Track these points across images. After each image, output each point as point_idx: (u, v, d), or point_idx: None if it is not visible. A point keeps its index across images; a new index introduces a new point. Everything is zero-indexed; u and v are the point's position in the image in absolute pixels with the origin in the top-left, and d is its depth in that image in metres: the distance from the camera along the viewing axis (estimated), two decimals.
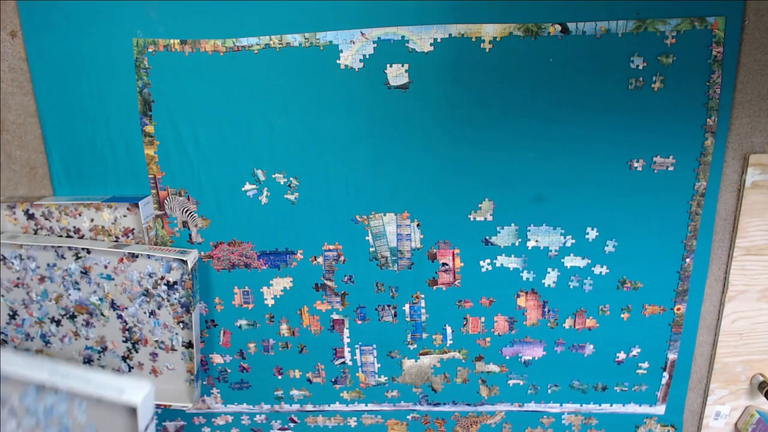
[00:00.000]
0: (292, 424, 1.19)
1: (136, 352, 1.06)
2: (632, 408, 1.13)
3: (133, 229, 1.00)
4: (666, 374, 1.09)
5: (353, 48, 0.92)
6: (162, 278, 1.00)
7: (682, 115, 0.92)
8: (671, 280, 1.02)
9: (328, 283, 1.05)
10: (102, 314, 1.04)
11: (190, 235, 1.03)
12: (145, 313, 1.03)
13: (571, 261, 1.02)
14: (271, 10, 0.90)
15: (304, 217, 1.01)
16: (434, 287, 1.05)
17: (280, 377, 1.14)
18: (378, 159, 0.97)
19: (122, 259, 0.99)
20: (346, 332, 1.09)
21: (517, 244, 1.01)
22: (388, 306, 1.07)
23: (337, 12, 0.90)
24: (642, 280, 1.02)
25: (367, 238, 1.02)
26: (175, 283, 1.00)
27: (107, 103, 0.96)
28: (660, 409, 1.12)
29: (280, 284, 1.06)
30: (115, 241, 1.01)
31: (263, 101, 0.95)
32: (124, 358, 1.06)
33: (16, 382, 0.87)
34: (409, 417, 1.16)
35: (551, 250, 1.01)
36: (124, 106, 0.96)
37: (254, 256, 1.04)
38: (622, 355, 1.08)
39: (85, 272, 1.01)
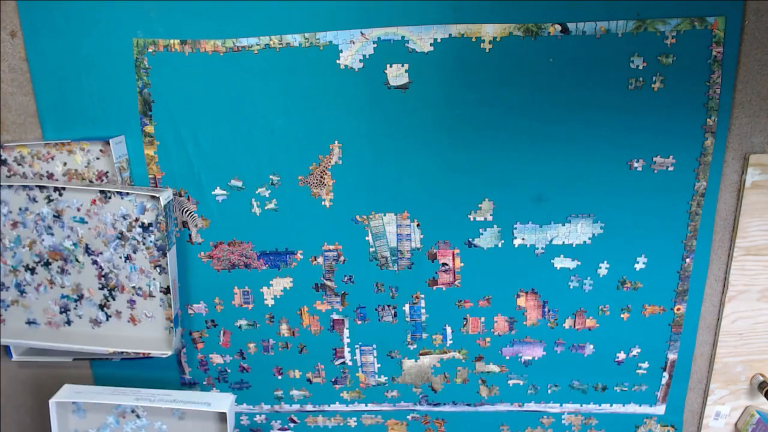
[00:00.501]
0: (292, 424, 1.19)
1: (113, 299, 1.04)
2: (632, 408, 1.13)
3: (107, 172, 0.99)
4: (666, 374, 1.09)
5: (353, 48, 0.92)
6: (136, 220, 0.98)
7: (682, 115, 0.92)
8: (671, 280, 1.02)
9: (328, 283, 1.05)
10: (77, 260, 1.01)
11: (190, 235, 1.03)
12: (120, 257, 1.01)
13: (571, 261, 1.02)
14: (271, 10, 0.90)
15: (303, 217, 1.01)
16: (434, 287, 1.05)
17: (280, 377, 1.14)
18: (378, 159, 0.97)
19: (95, 200, 0.98)
20: (346, 332, 1.09)
21: (516, 244, 1.01)
22: (388, 306, 1.07)
23: (337, 12, 0.90)
24: (642, 280, 1.02)
25: (367, 238, 1.02)
26: (150, 224, 0.98)
27: (107, 103, 0.96)
28: (660, 409, 1.12)
29: (280, 284, 1.06)
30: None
31: (263, 101, 0.95)
32: (101, 307, 1.04)
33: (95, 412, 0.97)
34: (409, 417, 1.16)
35: (551, 250, 1.01)
36: (124, 106, 0.96)
37: (254, 256, 1.04)
38: (622, 355, 1.08)
39: (57, 216, 0.98)
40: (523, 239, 1.00)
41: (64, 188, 0.97)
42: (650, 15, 0.88)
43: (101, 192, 0.97)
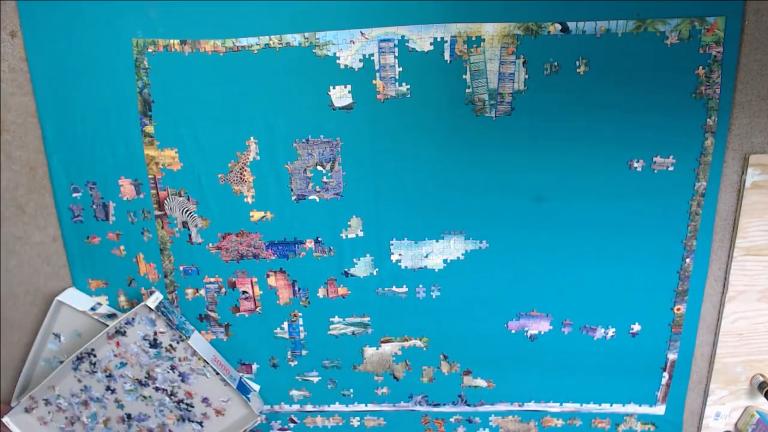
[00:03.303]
0: (292, 424, 1.19)
1: (192, 407, 1.09)
2: (632, 408, 1.12)
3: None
4: (666, 374, 1.09)
5: (353, 48, 0.92)
6: (155, 333, 1.03)
7: (682, 115, 0.92)
8: (671, 280, 1.02)
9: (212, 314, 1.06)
10: (144, 397, 1.08)
11: (189, 235, 1.03)
12: (169, 371, 1.06)
13: (570, 260, 1.02)
14: (271, 10, 0.90)
15: (303, 216, 1.01)
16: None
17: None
18: (379, 158, 0.97)
19: (118, 342, 1.04)
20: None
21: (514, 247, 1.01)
22: None
23: (336, 12, 0.90)
24: (642, 280, 1.02)
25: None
26: (163, 331, 1.03)
27: (107, 103, 0.96)
28: (660, 409, 1.12)
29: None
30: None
31: (263, 101, 0.95)
32: (189, 420, 1.10)
33: None
34: (452, 419, 1.16)
35: (550, 251, 1.01)
36: (124, 106, 0.96)
37: (263, 246, 1.04)
38: (621, 355, 1.08)
39: (109, 375, 1.07)
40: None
41: (92, 350, 1.05)
42: (650, 15, 0.88)
43: (116, 332, 1.03)
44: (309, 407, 1.16)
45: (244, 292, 1.06)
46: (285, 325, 1.09)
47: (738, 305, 1.03)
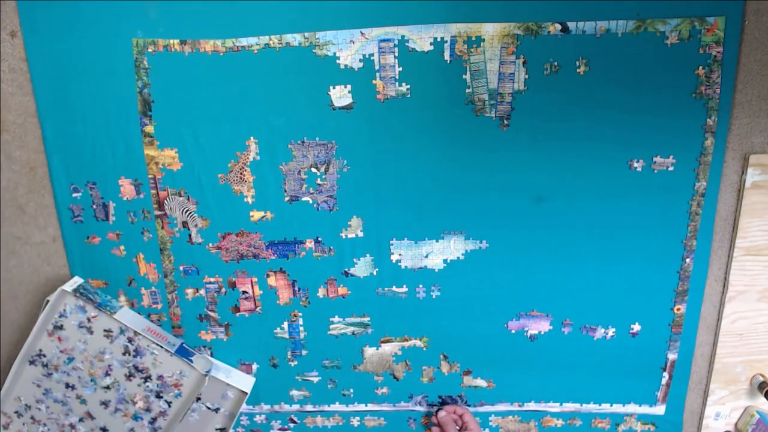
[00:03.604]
0: (292, 425, 1.19)
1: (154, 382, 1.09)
2: (632, 408, 1.13)
3: None
4: (666, 374, 1.09)
5: (353, 48, 0.92)
6: (88, 320, 1.03)
7: (682, 115, 0.92)
8: (671, 280, 1.02)
9: (212, 316, 1.06)
10: (104, 388, 1.08)
11: (189, 235, 1.03)
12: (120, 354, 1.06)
13: (570, 260, 1.02)
14: (271, 10, 0.90)
15: (303, 216, 1.01)
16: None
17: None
18: (379, 158, 0.97)
19: (60, 338, 1.05)
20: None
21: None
22: None
23: (336, 12, 0.90)
24: (642, 280, 1.02)
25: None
26: (95, 315, 1.04)
27: (107, 103, 0.96)
28: (660, 409, 1.12)
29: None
30: None
31: (263, 101, 0.95)
32: (156, 397, 1.09)
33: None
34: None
35: (546, 253, 1.01)
36: (124, 106, 0.96)
37: (263, 246, 1.04)
38: (620, 355, 1.08)
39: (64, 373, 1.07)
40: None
41: (40, 350, 1.05)
42: (650, 15, 0.88)
43: (55, 328, 1.04)
44: (309, 407, 1.16)
45: (244, 292, 1.07)
46: (285, 325, 1.09)
47: (738, 305, 1.03)
